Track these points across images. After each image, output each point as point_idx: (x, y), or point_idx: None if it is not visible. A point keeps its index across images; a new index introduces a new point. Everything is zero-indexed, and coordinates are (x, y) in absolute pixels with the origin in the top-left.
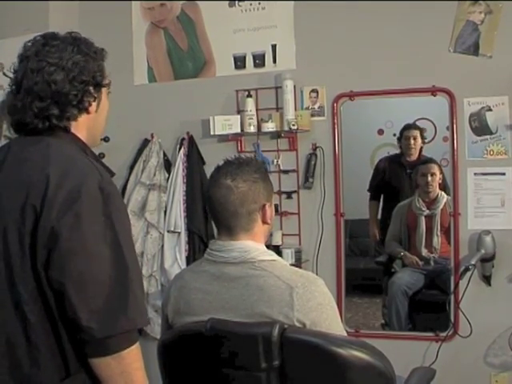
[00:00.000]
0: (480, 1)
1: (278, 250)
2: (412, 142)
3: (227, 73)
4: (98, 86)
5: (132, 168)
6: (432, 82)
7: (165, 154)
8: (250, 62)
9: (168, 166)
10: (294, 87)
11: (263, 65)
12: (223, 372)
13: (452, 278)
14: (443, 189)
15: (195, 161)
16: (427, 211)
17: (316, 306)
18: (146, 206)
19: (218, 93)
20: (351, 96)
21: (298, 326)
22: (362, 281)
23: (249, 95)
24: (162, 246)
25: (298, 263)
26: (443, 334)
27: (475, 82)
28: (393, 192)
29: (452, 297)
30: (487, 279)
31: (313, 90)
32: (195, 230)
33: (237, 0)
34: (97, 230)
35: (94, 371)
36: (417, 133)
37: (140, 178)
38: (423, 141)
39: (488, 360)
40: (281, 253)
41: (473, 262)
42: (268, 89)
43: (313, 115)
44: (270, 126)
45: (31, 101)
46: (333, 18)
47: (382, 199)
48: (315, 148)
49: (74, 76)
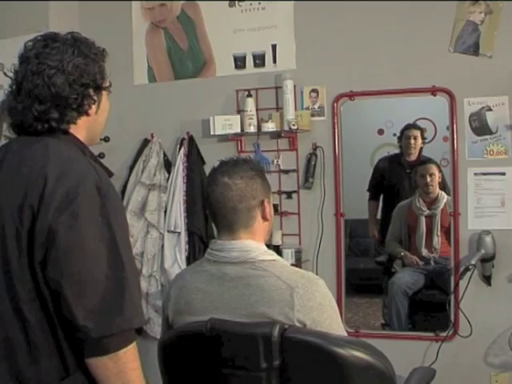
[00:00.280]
0: (480, 1)
1: (278, 249)
2: (412, 141)
3: (227, 73)
4: (98, 88)
5: (132, 168)
6: (432, 81)
7: (165, 154)
8: (250, 61)
9: (168, 165)
10: (294, 87)
11: (263, 65)
12: (223, 372)
13: (452, 278)
14: (443, 189)
15: (195, 161)
16: (427, 211)
17: (316, 306)
18: (146, 206)
19: (218, 93)
20: (351, 96)
21: (299, 326)
22: (362, 281)
23: (249, 95)
24: (162, 246)
25: (298, 263)
26: (443, 334)
27: (475, 82)
28: (392, 192)
29: (452, 297)
30: (487, 279)
31: (313, 90)
32: (195, 230)
33: (237, 0)
34: (94, 230)
35: (91, 371)
36: (417, 132)
37: (140, 177)
38: (423, 141)
39: (488, 360)
40: (281, 253)
41: (473, 262)
42: (268, 89)
43: (313, 115)
44: (270, 126)
45: (31, 103)
46: (333, 18)
47: (381, 199)
48: (315, 148)
49: (74, 79)
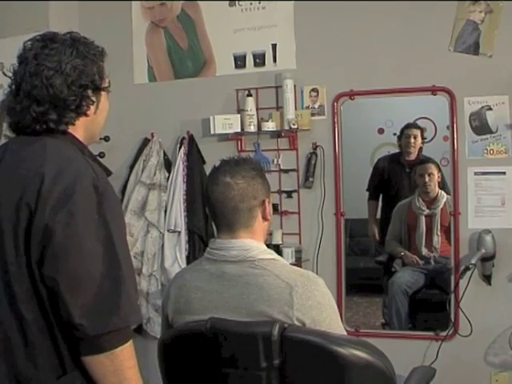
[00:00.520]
0: (480, 0)
1: (278, 249)
2: (412, 140)
3: (227, 72)
4: (97, 89)
5: (132, 167)
6: (432, 81)
7: (165, 154)
8: (250, 61)
9: (168, 165)
10: (295, 86)
11: (263, 64)
12: (223, 371)
13: (452, 278)
14: (442, 188)
15: (195, 160)
16: (427, 211)
17: (316, 305)
18: (146, 206)
19: (218, 92)
20: (351, 95)
21: (298, 325)
22: (362, 280)
23: (249, 94)
24: (163, 245)
25: (298, 262)
26: (443, 334)
27: (475, 82)
28: (392, 191)
29: (452, 296)
30: (487, 278)
31: (313, 90)
32: (195, 230)
33: None
34: (90, 228)
35: (87, 369)
36: (417, 132)
37: (140, 177)
38: (423, 140)
39: (488, 359)
40: (281, 252)
41: (473, 262)
42: (268, 88)
43: (313, 114)
44: (270, 126)
45: (29, 104)
46: (333, 18)
47: (380, 199)
48: (315, 147)
49: (72, 80)
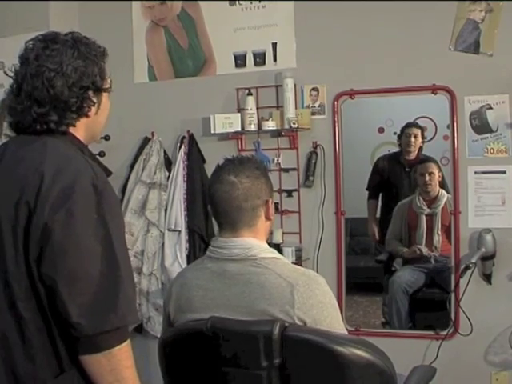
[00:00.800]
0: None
1: (278, 248)
2: (412, 139)
3: (228, 71)
4: (98, 90)
5: (132, 166)
6: (432, 80)
7: (165, 153)
8: (250, 60)
9: (168, 164)
10: (295, 85)
11: (264, 63)
12: (224, 370)
13: (452, 277)
14: (442, 187)
15: (196, 159)
16: (428, 210)
17: (317, 304)
18: (147, 205)
19: (218, 91)
20: (351, 94)
21: (299, 324)
22: (362, 279)
23: (249, 93)
24: (163, 244)
25: (298, 261)
26: (444, 333)
27: (476, 81)
28: (391, 190)
29: (452, 295)
30: (488, 278)
31: (313, 89)
32: (196, 229)
33: None
34: (89, 227)
35: (85, 368)
36: (418, 131)
37: (140, 176)
38: (423, 140)
39: (488, 358)
40: (281, 251)
41: (473, 261)
42: (268, 87)
43: (313, 113)
44: (270, 125)
45: (30, 105)
46: (333, 17)
47: (380, 198)
48: (316, 146)
49: (73, 82)
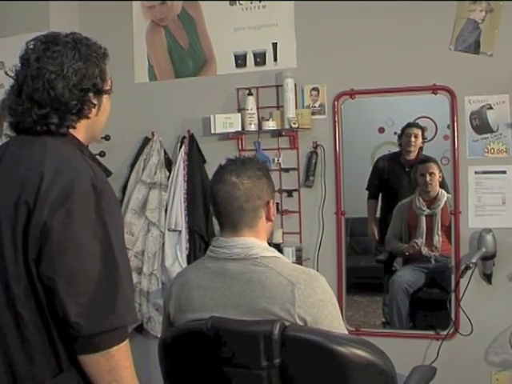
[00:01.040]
0: None
1: (278, 248)
2: (413, 139)
3: (228, 71)
4: (99, 92)
5: (133, 166)
6: (433, 80)
7: (165, 153)
8: (250, 60)
9: (169, 164)
10: (295, 85)
11: (264, 63)
12: (224, 370)
13: (453, 277)
14: (442, 187)
15: (196, 159)
16: (428, 210)
17: (317, 303)
18: (147, 205)
19: (218, 91)
20: (352, 94)
21: (299, 324)
22: (362, 279)
23: (249, 93)
24: (163, 244)
25: (298, 261)
26: (444, 333)
27: (476, 81)
28: (391, 190)
29: (453, 295)
30: (488, 277)
31: (313, 89)
32: (196, 229)
33: None
34: (88, 227)
35: (83, 368)
36: (418, 131)
37: (141, 176)
38: (423, 140)
39: (489, 358)
40: (282, 251)
41: (473, 261)
42: (269, 87)
43: (313, 113)
44: (270, 125)
45: (31, 107)
46: (333, 17)
47: (380, 198)
48: (316, 146)
49: (74, 84)
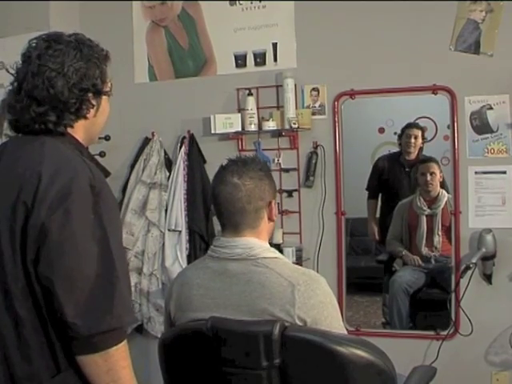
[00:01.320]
0: None
1: (278, 248)
2: (413, 140)
3: (228, 71)
4: (98, 93)
5: (133, 166)
6: (433, 80)
7: (165, 153)
8: (250, 60)
9: (169, 164)
10: (295, 86)
11: (264, 63)
12: (224, 370)
13: (453, 277)
14: (442, 187)
15: (196, 159)
16: (428, 210)
17: (317, 304)
18: (147, 205)
19: (218, 91)
20: (352, 94)
21: (299, 325)
22: (362, 279)
23: (249, 93)
24: (163, 244)
25: (298, 262)
26: (444, 333)
27: (476, 81)
28: (391, 190)
29: (453, 295)
30: (488, 278)
31: (313, 89)
32: (196, 229)
33: None
34: (86, 228)
35: (81, 369)
36: (418, 132)
37: (141, 176)
38: (423, 141)
39: (489, 358)
40: (282, 251)
41: (474, 261)
42: (269, 87)
43: (314, 114)
44: (270, 125)
45: (29, 104)
46: (333, 17)
47: (380, 198)
48: (316, 146)
49: (73, 83)
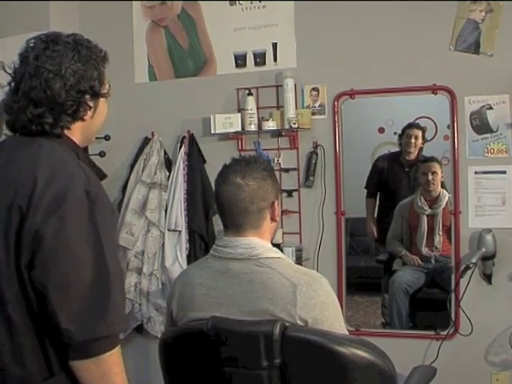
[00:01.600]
0: None
1: (278, 248)
2: (413, 140)
3: (228, 71)
4: (96, 95)
5: (133, 166)
6: (433, 80)
7: (165, 153)
8: (250, 60)
9: (169, 164)
10: (295, 85)
11: (264, 63)
12: (224, 370)
13: (453, 277)
14: (442, 187)
15: (196, 159)
16: (429, 210)
17: (319, 305)
18: (147, 205)
19: (218, 91)
20: (352, 94)
21: (300, 325)
22: (362, 279)
23: (249, 93)
24: (163, 244)
25: (298, 261)
26: (444, 333)
27: (476, 81)
28: (390, 190)
29: (453, 295)
30: (488, 277)
31: (313, 89)
32: (196, 229)
33: None
34: (80, 234)
35: (75, 374)
36: (418, 132)
37: (141, 176)
38: (423, 141)
39: (489, 358)
40: (282, 251)
41: (473, 261)
42: (269, 87)
43: (313, 113)
44: (270, 125)
45: (26, 105)
46: (333, 17)
47: (378, 197)
48: (316, 146)
49: (71, 85)
